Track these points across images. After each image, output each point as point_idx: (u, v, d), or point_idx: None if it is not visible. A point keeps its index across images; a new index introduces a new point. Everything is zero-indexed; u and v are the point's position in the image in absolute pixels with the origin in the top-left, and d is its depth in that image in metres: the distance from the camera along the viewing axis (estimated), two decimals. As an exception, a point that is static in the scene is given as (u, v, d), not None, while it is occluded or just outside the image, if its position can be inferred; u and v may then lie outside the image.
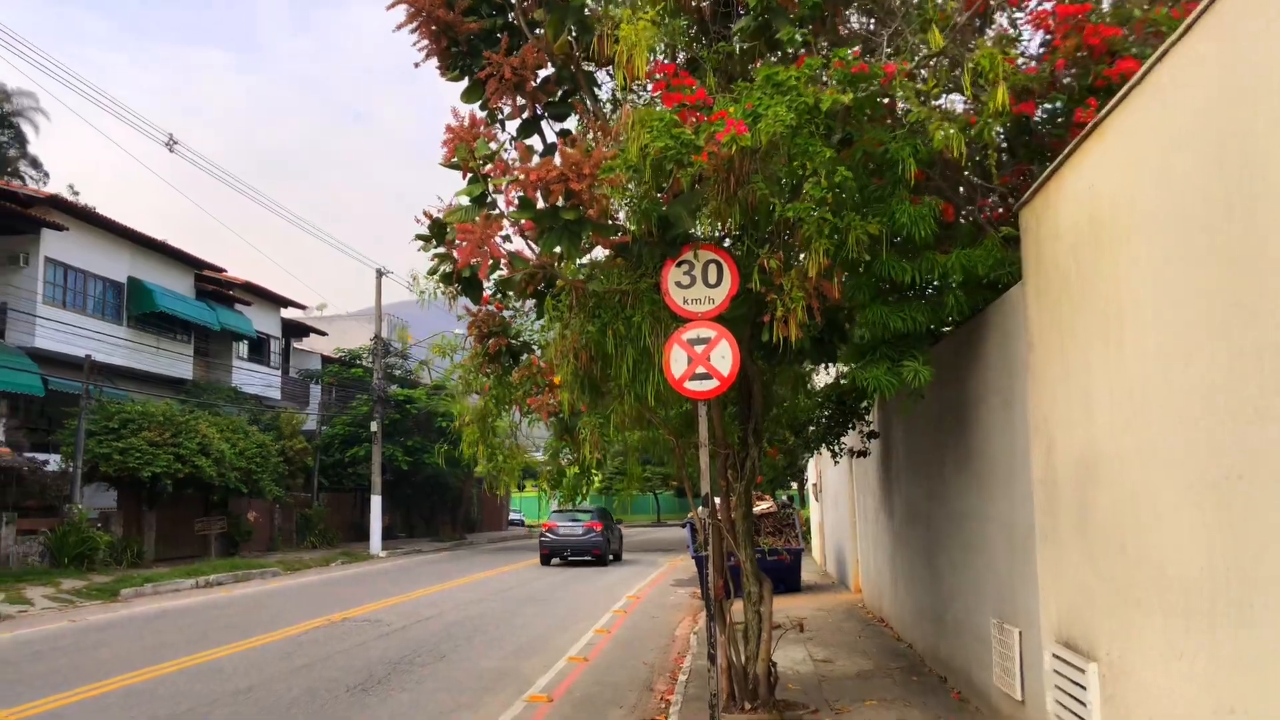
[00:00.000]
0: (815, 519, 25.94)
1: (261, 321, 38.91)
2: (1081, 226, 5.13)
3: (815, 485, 25.24)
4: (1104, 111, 4.80)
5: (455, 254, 6.73)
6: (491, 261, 6.58)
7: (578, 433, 7.34)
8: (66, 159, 62.78)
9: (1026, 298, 6.09)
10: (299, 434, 36.04)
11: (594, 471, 8.45)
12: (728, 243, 7.25)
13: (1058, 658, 5.66)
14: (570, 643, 13.14)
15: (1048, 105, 6.84)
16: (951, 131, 5.84)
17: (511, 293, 7.72)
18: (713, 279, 6.92)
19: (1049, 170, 5.54)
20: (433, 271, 7.25)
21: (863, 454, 12.08)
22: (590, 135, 7.05)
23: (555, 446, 8.54)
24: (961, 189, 7.38)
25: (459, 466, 41.63)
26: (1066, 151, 5.25)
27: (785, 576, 17.02)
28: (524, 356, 8.01)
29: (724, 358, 6.85)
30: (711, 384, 6.83)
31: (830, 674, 9.66)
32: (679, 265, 6.92)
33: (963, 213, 7.27)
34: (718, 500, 7.88)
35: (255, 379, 37.51)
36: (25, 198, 25.95)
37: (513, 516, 61.90)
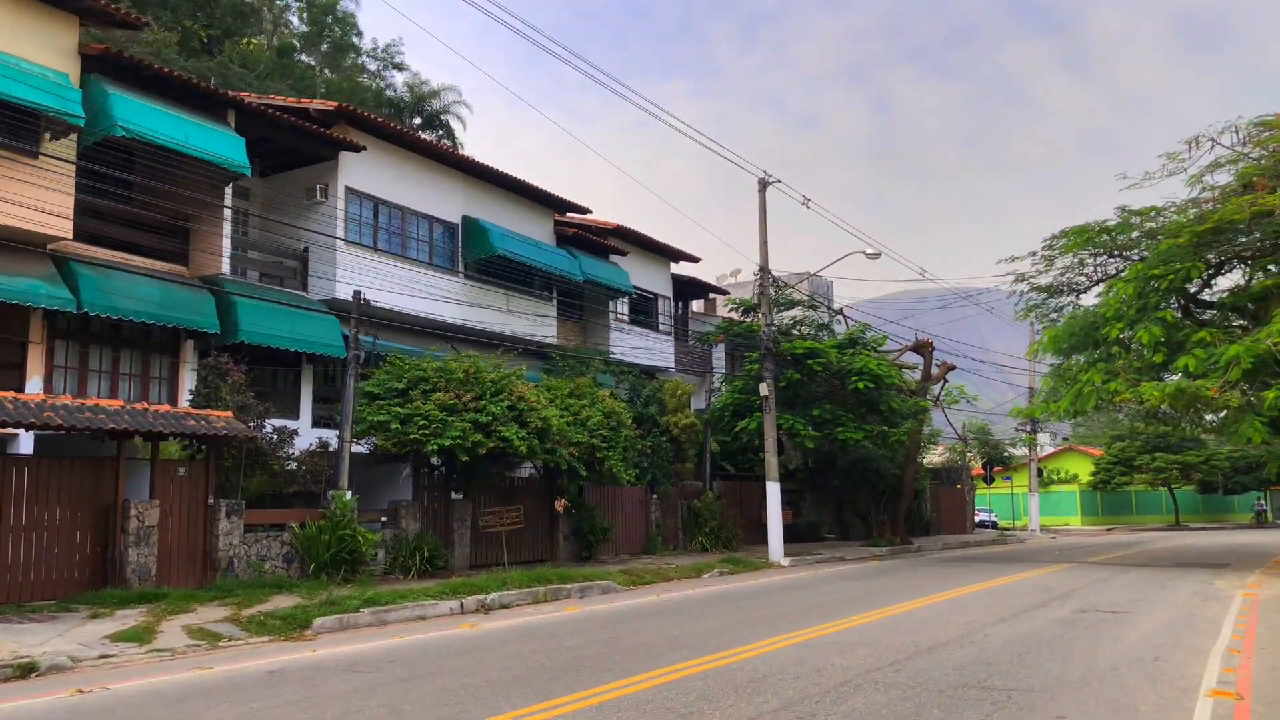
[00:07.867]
0: None
1: (644, 277, 32.32)
2: None
3: None
4: None
5: None
6: None
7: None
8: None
9: None
10: (686, 409, 28.65)
11: None
12: None
13: None
14: None
15: None
16: None
17: None
18: None
19: None
20: None
21: None
22: None
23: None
24: None
25: (888, 444, 31.87)
26: None
27: None
28: None
29: None
30: None
31: None
32: None
33: None
34: None
35: (638, 347, 30.89)
36: (317, 114, 21.26)
37: (980, 516, 49.86)
